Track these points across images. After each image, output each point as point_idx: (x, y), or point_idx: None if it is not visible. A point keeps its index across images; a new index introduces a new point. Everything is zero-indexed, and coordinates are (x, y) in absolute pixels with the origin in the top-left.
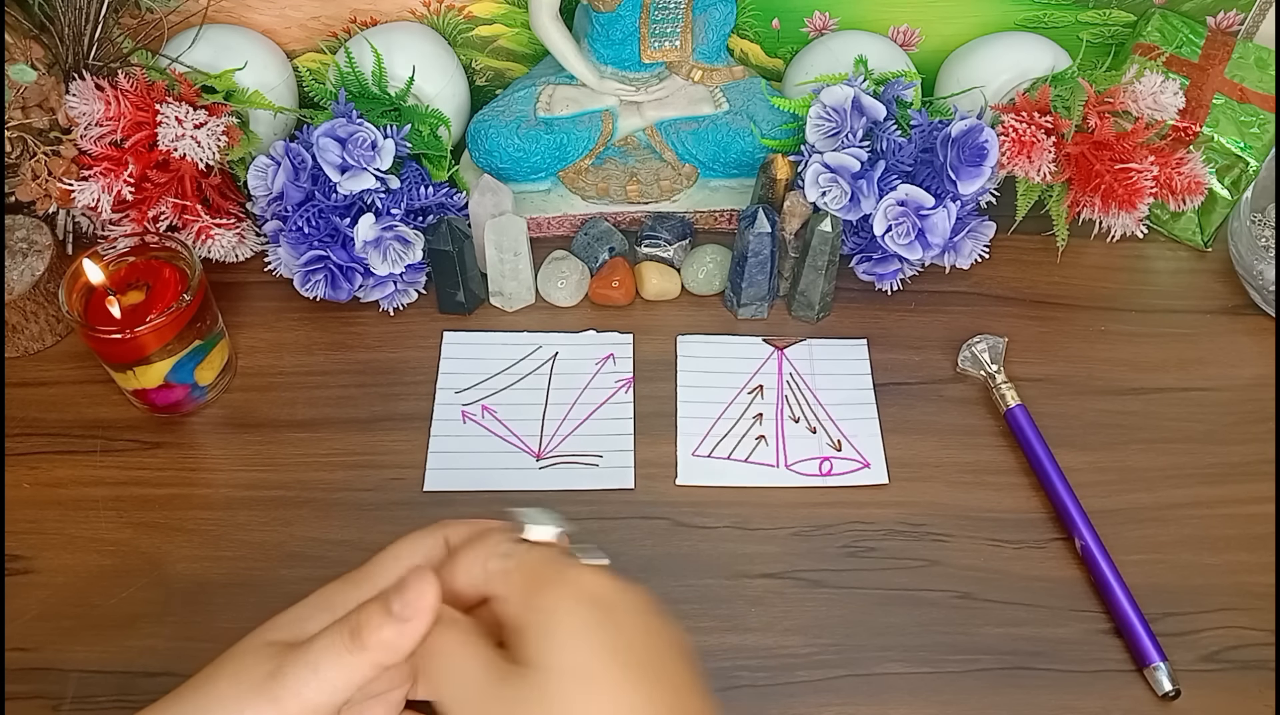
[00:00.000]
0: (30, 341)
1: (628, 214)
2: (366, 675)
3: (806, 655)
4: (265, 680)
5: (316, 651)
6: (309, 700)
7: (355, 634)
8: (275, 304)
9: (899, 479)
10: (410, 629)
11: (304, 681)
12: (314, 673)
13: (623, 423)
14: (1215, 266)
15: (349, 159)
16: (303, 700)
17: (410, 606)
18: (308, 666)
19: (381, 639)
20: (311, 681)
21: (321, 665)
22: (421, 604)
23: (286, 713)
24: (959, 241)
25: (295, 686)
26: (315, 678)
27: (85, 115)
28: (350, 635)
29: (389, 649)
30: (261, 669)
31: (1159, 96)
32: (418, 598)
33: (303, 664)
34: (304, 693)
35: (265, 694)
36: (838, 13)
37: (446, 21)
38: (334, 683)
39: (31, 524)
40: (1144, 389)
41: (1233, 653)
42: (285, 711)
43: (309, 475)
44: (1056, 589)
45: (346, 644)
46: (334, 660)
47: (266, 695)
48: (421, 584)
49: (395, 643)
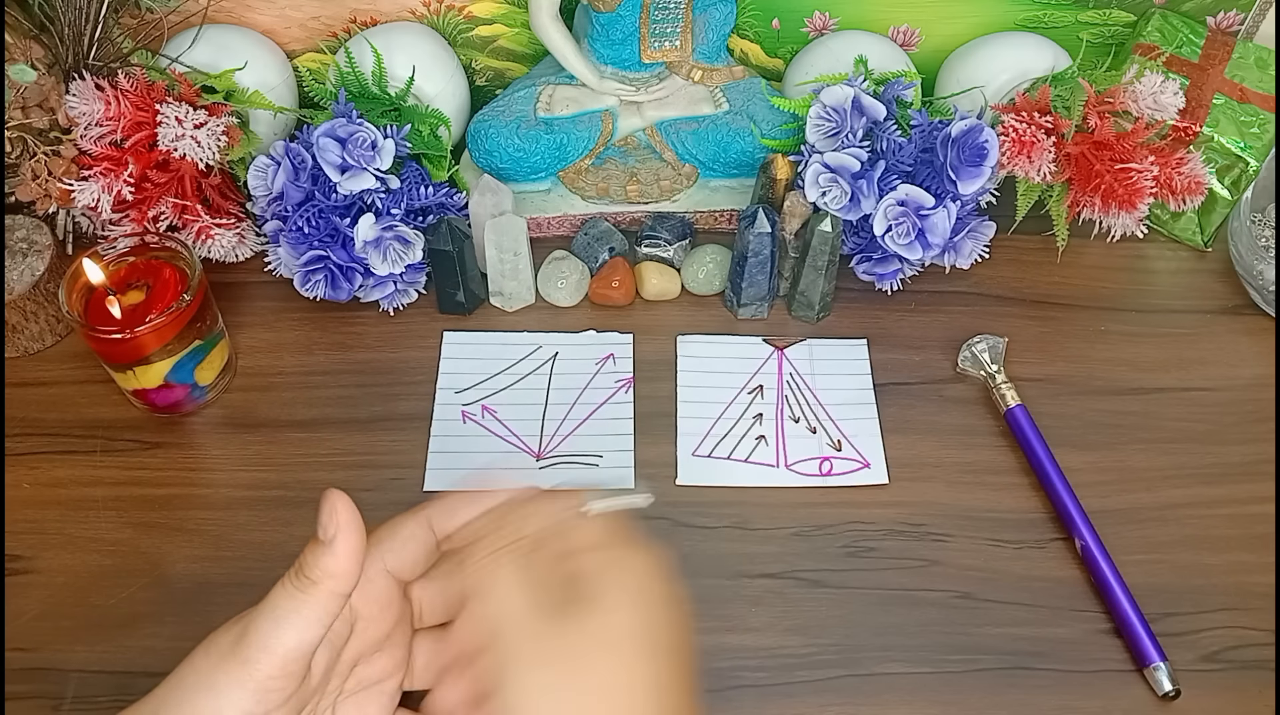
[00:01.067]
0: (30, 341)
1: (628, 214)
2: (329, 609)
3: (806, 655)
4: (233, 644)
5: (273, 601)
6: (278, 650)
7: (299, 572)
8: (275, 304)
9: (899, 479)
10: (341, 547)
11: (268, 632)
12: (276, 622)
13: (623, 423)
14: (1215, 266)
15: (349, 159)
16: (272, 652)
17: (327, 526)
18: (269, 617)
19: (322, 567)
20: (275, 630)
21: (280, 612)
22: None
23: (260, 669)
24: (959, 241)
25: (261, 640)
26: (278, 626)
27: (85, 115)
28: (297, 575)
29: (333, 574)
30: (228, 636)
31: (1159, 96)
32: (330, 514)
33: (264, 616)
34: (270, 643)
35: (236, 657)
36: (838, 13)
37: (446, 21)
38: (297, 626)
39: (31, 524)
40: (1144, 389)
41: (1233, 653)
42: (258, 669)
43: (309, 475)
44: (1056, 589)
45: (296, 584)
46: (290, 603)
47: (238, 658)
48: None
49: (335, 565)
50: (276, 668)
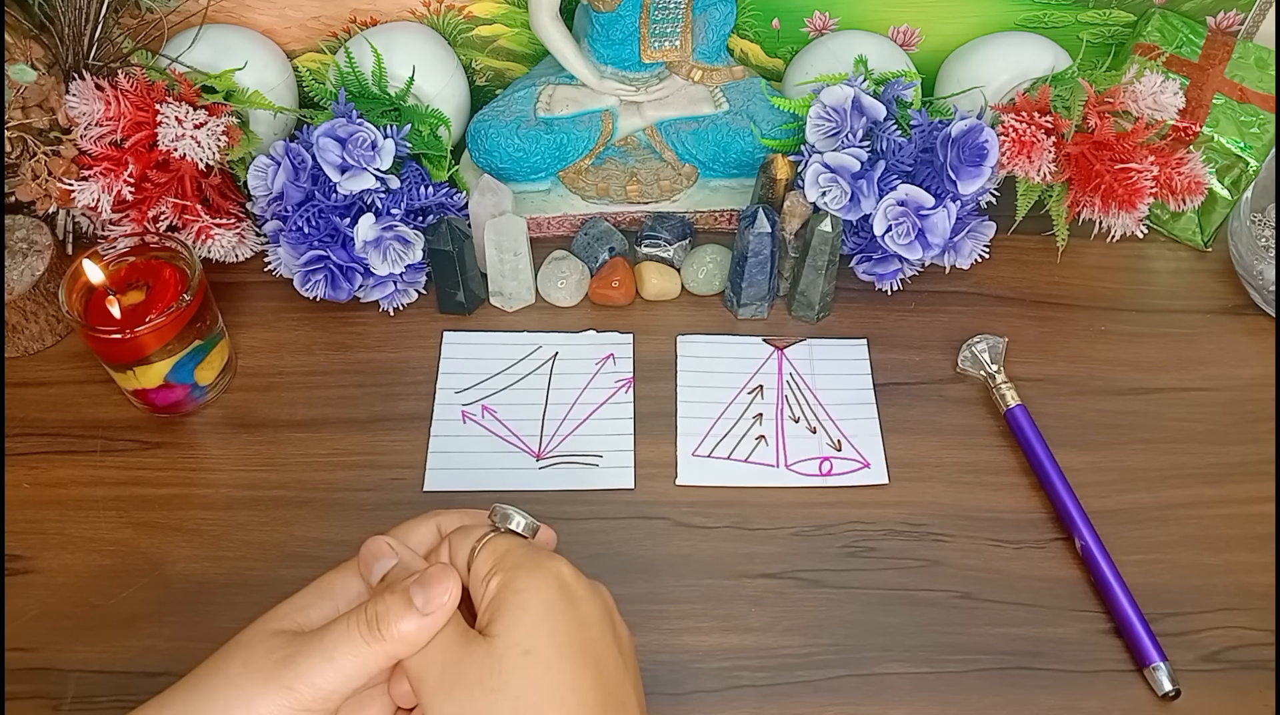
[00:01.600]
0: (30, 341)
1: (628, 214)
2: (382, 665)
3: (806, 655)
4: (277, 668)
5: (332, 641)
6: (322, 688)
7: (373, 625)
8: (275, 304)
9: (899, 479)
10: (430, 622)
11: (318, 670)
12: (329, 662)
13: (623, 423)
14: (1215, 266)
15: (349, 159)
16: (316, 688)
17: (433, 602)
18: (323, 656)
19: (401, 631)
20: (326, 670)
21: (337, 654)
22: (445, 600)
23: (300, 700)
24: (959, 241)
25: (309, 675)
26: (330, 666)
27: (85, 115)
28: (368, 626)
29: (407, 642)
30: (272, 657)
31: (1159, 96)
32: (441, 594)
33: (317, 653)
34: (318, 681)
35: (278, 681)
36: (838, 13)
37: (446, 21)
38: (348, 671)
39: (31, 524)
40: (1144, 389)
41: (1233, 653)
42: (298, 698)
43: (309, 475)
44: (1056, 589)
45: (364, 634)
46: (350, 650)
47: (279, 683)
48: (447, 580)
49: (414, 636)
50: (316, 702)
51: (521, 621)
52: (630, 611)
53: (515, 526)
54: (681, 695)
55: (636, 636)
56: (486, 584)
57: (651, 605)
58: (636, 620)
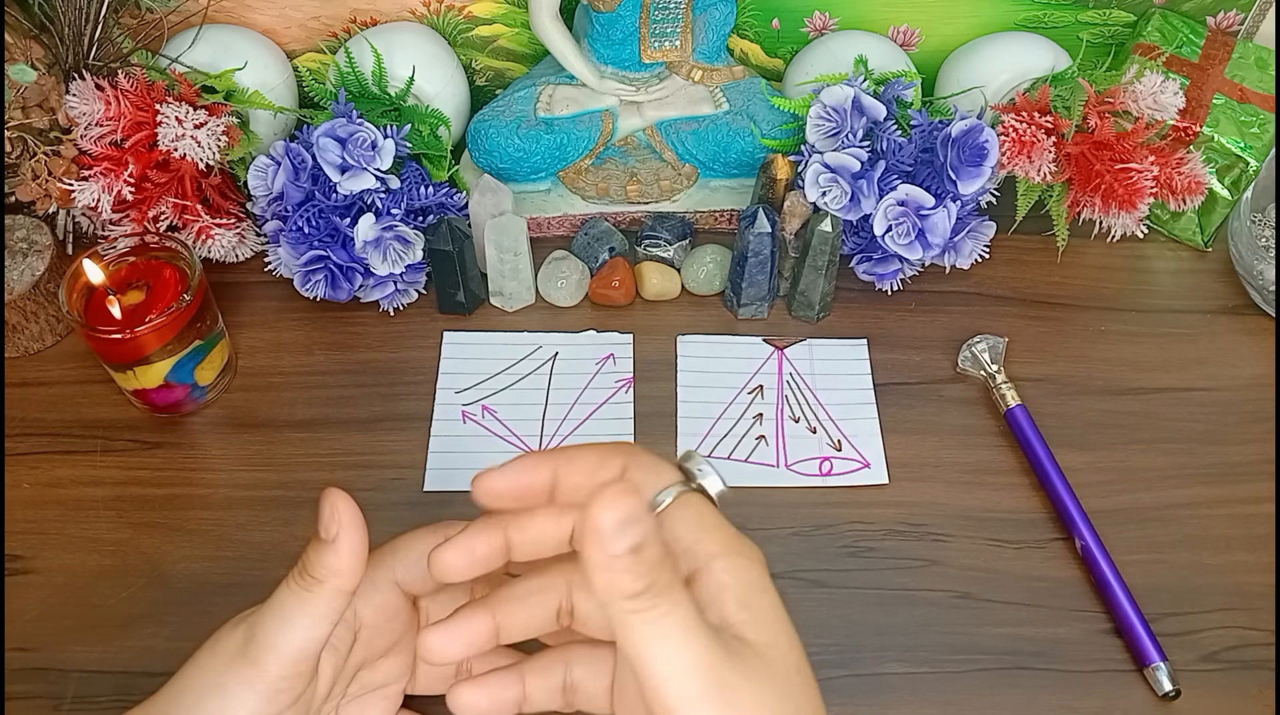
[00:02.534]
0: (30, 341)
1: (628, 214)
2: (335, 606)
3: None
4: (241, 646)
5: (279, 601)
6: (286, 651)
7: (303, 571)
8: (275, 304)
9: (899, 479)
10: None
11: (275, 633)
12: (282, 621)
13: (623, 423)
14: (1215, 266)
15: (349, 159)
16: (280, 653)
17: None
18: (275, 617)
19: (326, 565)
20: (282, 630)
21: (286, 611)
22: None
23: (269, 670)
24: (959, 241)
25: (270, 641)
26: (284, 625)
27: (85, 115)
28: (300, 574)
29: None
30: (234, 638)
31: (1159, 96)
32: (331, 512)
33: (270, 617)
34: (279, 644)
35: (245, 658)
36: (838, 13)
37: (446, 21)
38: (303, 625)
39: (31, 524)
40: (1144, 389)
41: (1233, 653)
42: (267, 669)
43: (309, 475)
44: (1056, 589)
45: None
46: (295, 602)
47: (246, 660)
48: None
49: (339, 563)
50: (285, 668)
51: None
52: None
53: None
54: None
55: None
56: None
57: None
58: None
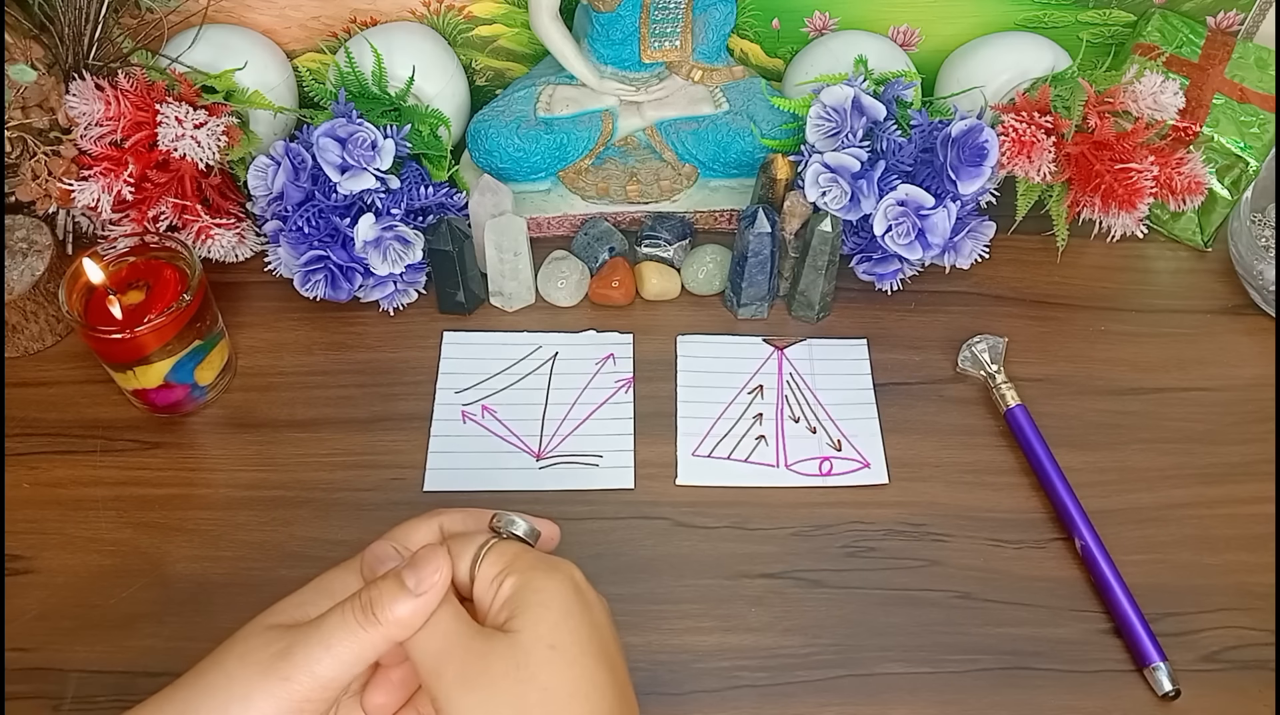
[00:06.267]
0: (30, 341)
1: (628, 214)
2: (379, 649)
3: (806, 655)
4: (274, 660)
5: (328, 629)
6: (321, 676)
7: (368, 609)
8: (275, 304)
9: (899, 479)
10: (423, 603)
11: (316, 658)
12: (326, 650)
13: (623, 423)
14: (1215, 266)
15: (349, 159)
16: (315, 676)
17: (425, 582)
18: (320, 644)
19: (395, 614)
20: (324, 659)
21: (334, 642)
22: (435, 579)
23: (298, 689)
24: (959, 241)
25: (307, 664)
26: (328, 654)
27: (85, 115)
28: (363, 611)
29: (402, 624)
30: (269, 650)
31: (1159, 96)
32: (432, 573)
33: (314, 642)
34: (316, 669)
35: (276, 673)
36: (838, 13)
37: (446, 21)
38: (346, 658)
39: (31, 524)
40: (1144, 389)
41: (1233, 653)
42: (297, 688)
43: (309, 475)
44: (1056, 589)
45: (360, 619)
46: (347, 636)
47: (277, 674)
48: (436, 559)
49: (408, 618)
50: (316, 691)
51: (545, 618)
52: (630, 611)
53: (519, 532)
54: (681, 695)
55: (637, 636)
56: (498, 585)
57: (651, 605)
58: (636, 620)
